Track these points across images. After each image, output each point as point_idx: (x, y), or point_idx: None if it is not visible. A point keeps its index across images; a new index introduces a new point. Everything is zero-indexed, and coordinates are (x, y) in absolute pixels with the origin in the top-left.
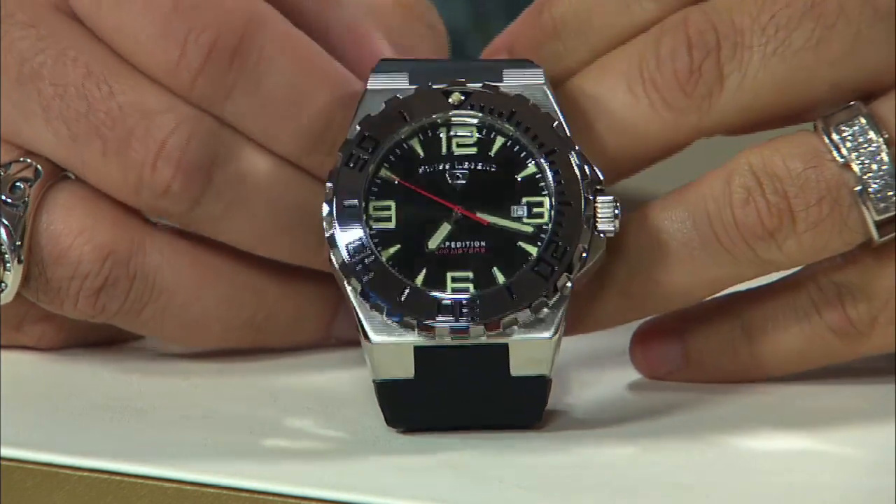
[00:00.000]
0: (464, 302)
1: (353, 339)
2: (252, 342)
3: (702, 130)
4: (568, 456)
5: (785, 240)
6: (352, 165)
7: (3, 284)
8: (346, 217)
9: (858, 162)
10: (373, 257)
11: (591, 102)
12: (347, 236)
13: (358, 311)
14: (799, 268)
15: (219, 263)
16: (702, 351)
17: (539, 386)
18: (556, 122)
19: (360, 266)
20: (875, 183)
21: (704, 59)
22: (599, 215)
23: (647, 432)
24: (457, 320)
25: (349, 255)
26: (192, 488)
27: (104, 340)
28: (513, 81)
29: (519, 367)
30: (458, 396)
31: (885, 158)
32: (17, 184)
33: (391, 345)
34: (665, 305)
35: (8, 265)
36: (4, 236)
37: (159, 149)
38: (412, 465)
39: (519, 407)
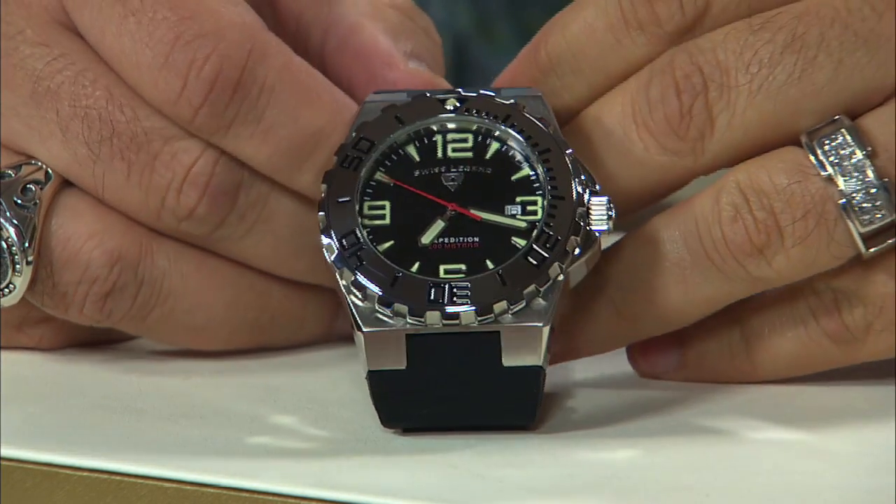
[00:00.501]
0: (455, 287)
1: None
2: (256, 343)
3: (697, 171)
4: (568, 456)
5: (774, 255)
6: (346, 166)
7: (11, 286)
8: (340, 212)
9: (843, 176)
10: (366, 250)
11: (588, 147)
12: (341, 230)
13: (350, 302)
14: None
15: (224, 267)
16: (700, 355)
17: (532, 378)
18: (552, 127)
19: (353, 257)
20: (859, 196)
21: (693, 102)
22: (593, 215)
23: (647, 432)
24: (448, 304)
25: (343, 247)
26: (192, 488)
27: (104, 341)
28: (509, 94)
29: (511, 356)
30: (450, 389)
31: (869, 172)
32: (28, 186)
33: (383, 333)
34: (660, 326)
35: (17, 267)
36: (15, 237)
37: (186, 173)
38: (412, 465)
39: (513, 401)
